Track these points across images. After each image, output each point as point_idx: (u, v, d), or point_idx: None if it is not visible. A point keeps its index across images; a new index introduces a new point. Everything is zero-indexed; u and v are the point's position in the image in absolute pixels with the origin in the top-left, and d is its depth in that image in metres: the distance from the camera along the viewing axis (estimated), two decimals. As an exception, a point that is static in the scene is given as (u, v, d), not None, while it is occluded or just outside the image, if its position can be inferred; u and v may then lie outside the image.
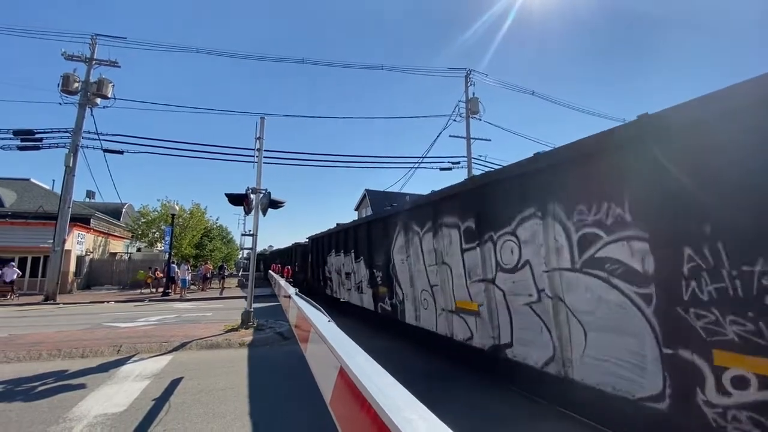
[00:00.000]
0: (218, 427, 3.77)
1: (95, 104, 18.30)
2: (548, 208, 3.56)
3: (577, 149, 3.27)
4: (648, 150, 2.64)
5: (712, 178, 2.32)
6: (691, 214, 2.40)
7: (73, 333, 8.53)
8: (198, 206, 29.01)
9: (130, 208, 35.11)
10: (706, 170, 2.35)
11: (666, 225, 2.53)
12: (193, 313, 12.80)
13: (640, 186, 2.72)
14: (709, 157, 2.34)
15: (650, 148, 2.62)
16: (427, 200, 5.91)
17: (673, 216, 2.48)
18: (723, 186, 2.27)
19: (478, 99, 21.26)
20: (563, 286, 3.39)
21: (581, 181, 3.24)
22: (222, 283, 21.55)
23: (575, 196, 3.29)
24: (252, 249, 10.11)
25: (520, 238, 3.93)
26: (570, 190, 3.35)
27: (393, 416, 0.87)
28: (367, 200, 35.23)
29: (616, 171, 2.91)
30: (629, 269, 2.80)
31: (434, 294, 5.68)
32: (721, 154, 2.29)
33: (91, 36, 18.77)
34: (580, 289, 3.22)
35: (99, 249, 25.56)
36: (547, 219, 3.57)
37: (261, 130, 10.03)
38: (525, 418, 4.01)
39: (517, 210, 3.97)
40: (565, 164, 3.37)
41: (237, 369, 5.88)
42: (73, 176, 17.58)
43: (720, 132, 2.29)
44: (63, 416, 4.01)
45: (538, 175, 3.71)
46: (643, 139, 2.67)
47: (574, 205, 3.29)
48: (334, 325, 2.66)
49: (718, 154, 2.30)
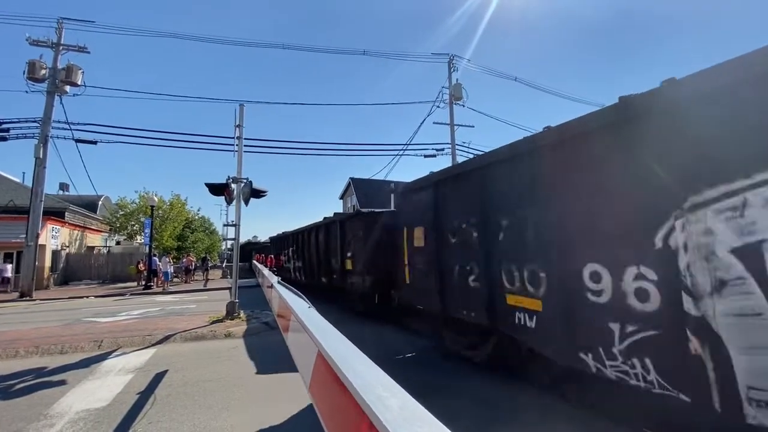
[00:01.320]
0: (205, 419, 3.77)
1: (64, 92, 17.49)
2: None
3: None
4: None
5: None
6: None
7: (51, 329, 8.32)
8: (178, 197, 28.41)
9: (107, 201, 34.07)
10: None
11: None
12: (177, 305, 12.62)
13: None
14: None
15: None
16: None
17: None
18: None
19: (461, 85, 21.19)
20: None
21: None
22: (206, 275, 21.29)
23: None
24: (235, 239, 10.00)
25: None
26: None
27: (365, 395, 0.89)
28: (352, 188, 35.11)
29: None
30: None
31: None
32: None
33: (57, 20, 17.82)
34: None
35: (75, 243, 24.79)
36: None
37: (240, 117, 9.81)
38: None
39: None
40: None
41: (223, 360, 5.86)
42: (44, 168, 16.89)
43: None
44: (43, 413, 3.94)
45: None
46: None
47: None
48: (315, 311, 2.67)
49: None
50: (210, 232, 46.35)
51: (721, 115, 2.37)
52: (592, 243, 3.18)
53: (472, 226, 4.79)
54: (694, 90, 2.50)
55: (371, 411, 0.86)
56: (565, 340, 3.41)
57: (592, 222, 3.18)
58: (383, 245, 7.78)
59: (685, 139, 2.53)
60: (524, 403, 4.01)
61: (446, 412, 3.64)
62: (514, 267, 4.09)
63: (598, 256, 3.12)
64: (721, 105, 2.37)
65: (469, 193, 4.86)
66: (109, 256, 25.05)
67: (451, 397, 4.19)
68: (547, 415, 3.72)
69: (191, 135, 33.23)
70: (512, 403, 4.04)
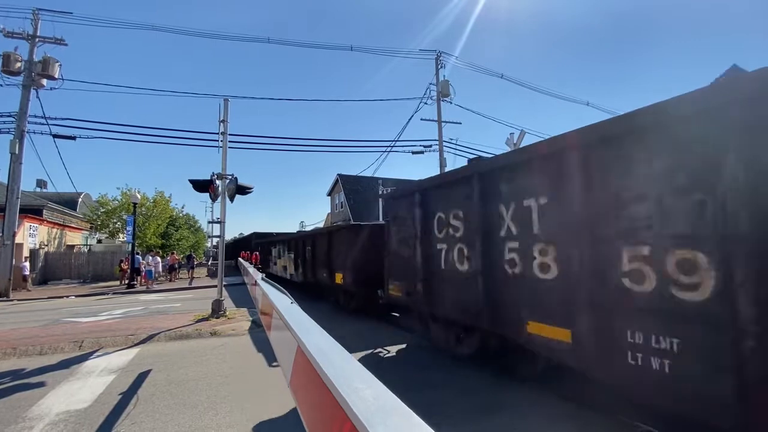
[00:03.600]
0: (189, 418, 3.74)
1: (41, 85, 16.93)
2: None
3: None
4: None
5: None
6: None
7: (29, 330, 8.10)
8: (162, 194, 27.82)
9: (87, 198, 33.19)
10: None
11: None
12: (161, 304, 12.42)
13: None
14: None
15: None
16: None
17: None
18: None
19: (448, 82, 21.26)
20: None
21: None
22: (191, 273, 20.97)
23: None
24: (220, 237, 9.89)
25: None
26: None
27: (341, 387, 0.91)
28: (340, 185, 34.99)
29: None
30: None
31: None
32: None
33: (33, 10, 17.19)
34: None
35: (54, 241, 24.10)
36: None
37: (225, 112, 9.66)
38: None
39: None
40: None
41: (208, 359, 5.81)
42: (20, 164, 16.33)
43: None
44: (22, 416, 3.86)
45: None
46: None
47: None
48: (297, 307, 2.68)
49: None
50: (195, 230, 45.59)
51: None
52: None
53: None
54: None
55: (346, 403, 0.88)
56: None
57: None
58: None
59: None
60: (511, 395, 4.11)
61: (435, 403, 3.68)
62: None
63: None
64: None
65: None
66: (90, 254, 24.41)
67: (438, 389, 4.25)
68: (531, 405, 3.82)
69: (175, 131, 32.61)
70: (497, 394, 4.13)
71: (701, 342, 2.34)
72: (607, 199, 2.98)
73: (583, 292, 3.09)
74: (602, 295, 2.93)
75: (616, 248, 2.88)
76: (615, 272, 2.86)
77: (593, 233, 3.05)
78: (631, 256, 2.76)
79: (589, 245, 3.07)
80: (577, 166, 3.21)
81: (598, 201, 3.04)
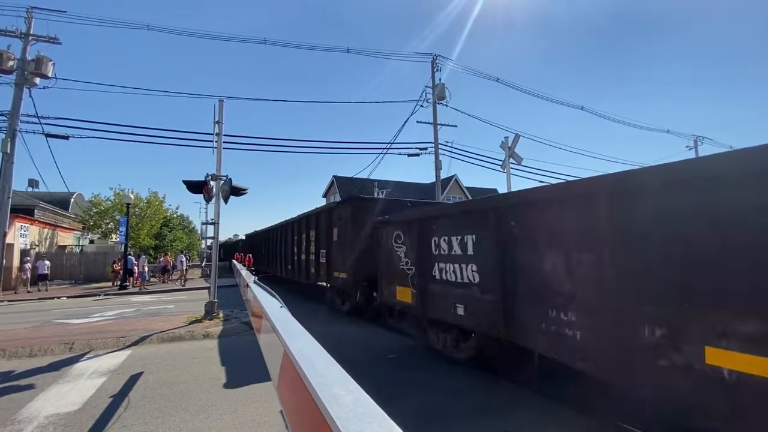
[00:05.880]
0: (181, 421, 3.73)
1: (34, 84, 16.77)
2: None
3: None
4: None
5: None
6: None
7: (19, 331, 8.02)
8: (155, 194, 27.59)
9: (79, 198, 32.86)
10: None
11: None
12: (154, 306, 12.34)
13: None
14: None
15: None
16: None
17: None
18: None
19: (444, 85, 21.34)
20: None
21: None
22: (185, 274, 20.84)
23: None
24: (214, 238, 9.85)
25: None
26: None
27: (321, 392, 0.93)
28: (336, 187, 34.96)
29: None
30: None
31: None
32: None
33: (27, 9, 17.05)
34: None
35: (46, 242, 23.84)
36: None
37: (220, 113, 9.66)
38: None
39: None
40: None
41: (201, 361, 5.80)
42: (11, 163, 16.16)
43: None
44: (10, 418, 3.83)
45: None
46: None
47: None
48: (286, 311, 2.69)
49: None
50: (189, 231, 45.33)
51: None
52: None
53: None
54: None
55: (325, 409, 0.91)
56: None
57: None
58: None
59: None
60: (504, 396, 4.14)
61: (429, 405, 3.69)
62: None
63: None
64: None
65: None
66: (83, 255, 24.19)
67: (430, 391, 4.28)
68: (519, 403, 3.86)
69: (170, 131, 32.23)
70: (490, 395, 4.17)
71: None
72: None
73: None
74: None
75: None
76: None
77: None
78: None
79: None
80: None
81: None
